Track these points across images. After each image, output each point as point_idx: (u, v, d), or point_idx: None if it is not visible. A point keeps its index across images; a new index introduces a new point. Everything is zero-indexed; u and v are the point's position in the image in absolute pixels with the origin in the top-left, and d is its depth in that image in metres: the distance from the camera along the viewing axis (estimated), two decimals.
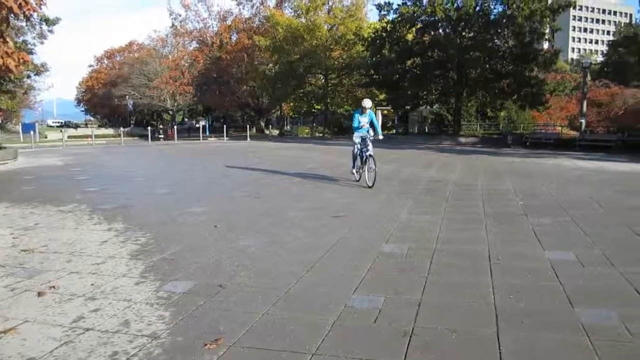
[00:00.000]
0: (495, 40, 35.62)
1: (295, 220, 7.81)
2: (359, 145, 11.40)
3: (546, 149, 27.27)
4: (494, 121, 43.59)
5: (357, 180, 11.83)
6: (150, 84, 57.79)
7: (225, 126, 46.01)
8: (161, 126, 56.84)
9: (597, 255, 5.71)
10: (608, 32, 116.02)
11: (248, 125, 47.26)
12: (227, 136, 43.20)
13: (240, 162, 18.88)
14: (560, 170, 15.66)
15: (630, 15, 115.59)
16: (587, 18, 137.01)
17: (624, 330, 3.76)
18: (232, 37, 57.08)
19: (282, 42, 44.98)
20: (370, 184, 10.97)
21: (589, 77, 46.10)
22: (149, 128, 41.58)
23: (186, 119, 78.83)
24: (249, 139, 40.91)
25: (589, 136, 28.47)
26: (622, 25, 74.13)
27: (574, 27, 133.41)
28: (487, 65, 35.14)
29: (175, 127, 47.83)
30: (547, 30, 35.74)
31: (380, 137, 11.67)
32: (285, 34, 44.61)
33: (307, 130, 54.45)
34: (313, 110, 55.42)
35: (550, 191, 10.83)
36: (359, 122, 11.28)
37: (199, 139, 41.05)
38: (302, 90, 49.19)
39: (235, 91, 55.12)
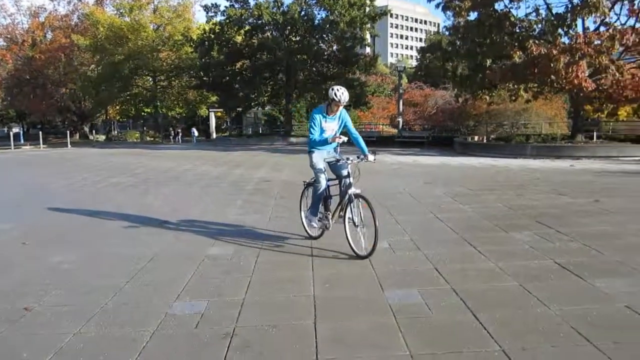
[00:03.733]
0: (321, 44, 37.29)
1: (118, 232, 7.37)
2: (324, 178, 5.99)
3: (370, 146, 28.13)
4: None
5: (316, 238, 6.44)
6: None
7: (41, 133, 41.83)
8: None
9: (406, 241, 6.25)
10: (420, 39, 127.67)
11: (69, 131, 43.56)
12: (44, 143, 39.37)
13: (52, 172, 17.34)
14: (381, 166, 16.86)
15: (438, 24, 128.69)
16: (402, 26, 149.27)
17: (424, 307, 4.14)
18: (47, 35, 52.21)
19: (105, 41, 42.31)
20: (366, 251, 5.50)
21: (405, 80, 50.25)
22: None
23: None
24: (69, 145, 37.75)
25: (406, 133, 31.11)
26: (432, 33, 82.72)
27: (392, 34, 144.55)
28: (314, 68, 36.69)
29: None
30: (367, 36, 38.35)
31: (371, 158, 5.93)
32: (108, 33, 42.03)
33: (137, 135, 51.88)
34: (143, 113, 52.96)
35: (371, 185, 11.59)
36: (322, 130, 5.88)
37: (10, 148, 36.88)
38: (128, 93, 46.78)
39: (53, 94, 50.39)
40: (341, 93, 5.72)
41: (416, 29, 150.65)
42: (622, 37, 19.01)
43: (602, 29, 20.80)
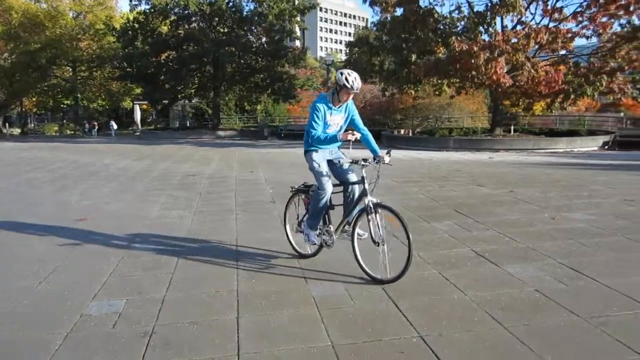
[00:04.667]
0: (249, 37, 36.89)
1: (31, 232, 6.98)
2: (329, 184, 4.87)
3: (299, 139, 28.98)
4: (253, 114, 45.19)
5: (310, 256, 5.32)
6: None
7: None
8: None
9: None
10: (350, 34, 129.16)
11: None
12: None
13: None
14: (302, 159, 16.94)
15: (367, 19, 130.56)
16: (332, 20, 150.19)
17: (347, 298, 4.19)
18: None
19: (19, 28, 39.93)
20: (393, 274, 4.44)
21: (333, 73, 50.60)
22: None
23: None
24: None
25: None
26: (360, 28, 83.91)
27: (322, 27, 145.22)
28: (242, 60, 36.24)
29: None
30: (296, 29, 38.31)
31: (387, 159, 4.66)
32: (22, 20, 39.70)
33: (55, 128, 49.38)
34: (62, 105, 50.44)
35: (298, 178, 11.62)
36: (326, 125, 4.83)
37: None
38: (46, 84, 44.36)
39: None
40: (353, 78, 4.61)
41: (345, 24, 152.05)
42: (537, 35, 20.04)
43: (519, 27, 21.86)
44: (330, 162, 4.98)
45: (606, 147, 21.43)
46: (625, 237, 5.98)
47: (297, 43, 47.73)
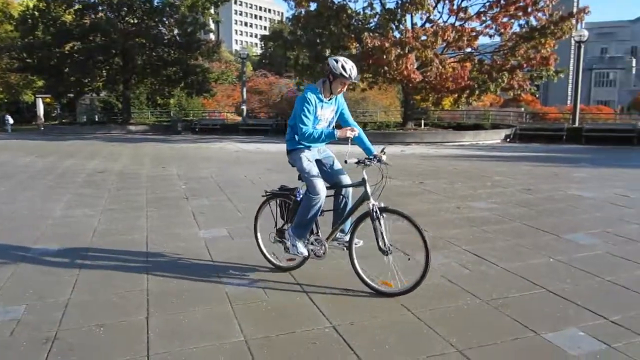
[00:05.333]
0: (160, 28, 35.64)
1: None
2: (323, 187, 4.30)
3: (214, 134, 28.77)
4: (166, 109, 43.87)
5: (289, 269, 4.68)
6: None
7: None
8: None
9: (244, 228, 6.26)
10: (265, 28, 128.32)
11: None
12: None
13: None
14: (224, 153, 16.77)
15: (282, 13, 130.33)
16: (247, 13, 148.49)
17: (261, 292, 4.19)
18: None
19: None
20: (407, 284, 4.02)
21: (250, 68, 50.19)
22: None
23: None
24: None
25: (251, 121, 31.14)
26: (276, 22, 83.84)
27: (236, 20, 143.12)
28: (154, 53, 35.01)
29: None
30: (210, 22, 37.51)
31: (384, 158, 4.18)
32: None
33: None
34: None
35: (212, 173, 11.47)
36: (316, 120, 4.27)
37: None
38: None
39: None
40: (351, 66, 4.08)
41: (261, 17, 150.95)
42: (444, 33, 20.87)
43: (427, 25, 22.63)
44: (318, 163, 4.40)
45: (508, 139, 22.74)
46: (523, 224, 6.40)
47: (212, 36, 46.84)
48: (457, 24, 22.30)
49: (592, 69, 79.87)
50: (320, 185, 4.24)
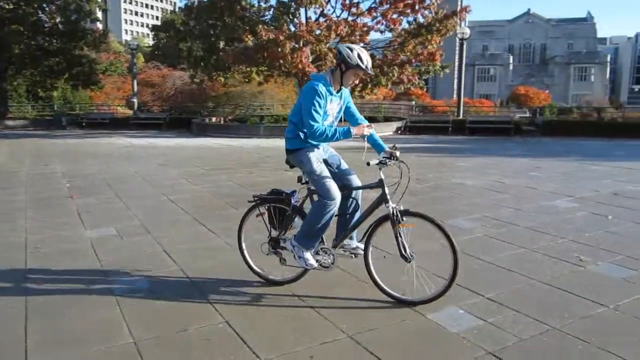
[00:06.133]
0: (40, 15, 33.15)
1: None
2: (336, 189, 3.83)
3: (103, 128, 27.28)
4: (49, 102, 40.94)
5: (286, 282, 4.15)
6: None
7: None
8: None
9: (136, 225, 6.04)
10: (157, 18, 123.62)
11: None
12: None
13: None
14: (113, 149, 16.01)
15: (175, 3, 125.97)
16: (137, 2, 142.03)
17: (152, 292, 4.06)
18: None
19: None
20: (429, 292, 3.73)
21: (142, 59, 48.21)
22: None
23: None
24: None
25: (143, 115, 29.92)
26: (168, 12, 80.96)
27: (126, 9, 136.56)
28: (33, 42, 32.50)
29: None
30: (96, 10, 35.45)
31: (398, 154, 4.00)
32: None
33: None
34: None
35: (100, 170, 10.92)
36: (325, 115, 3.80)
37: None
38: None
39: None
40: (367, 56, 3.70)
41: (152, 7, 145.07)
42: (337, 28, 21.26)
43: (321, 19, 22.95)
44: (324, 163, 3.98)
45: (399, 131, 23.65)
46: None
47: (99, 25, 44.34)
48: (350, 19, 22.79)
49: (475, 65, 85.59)
50: (335, 188, 3.78)
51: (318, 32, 21.66)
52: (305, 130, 3.77)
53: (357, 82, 3.94)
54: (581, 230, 5.77)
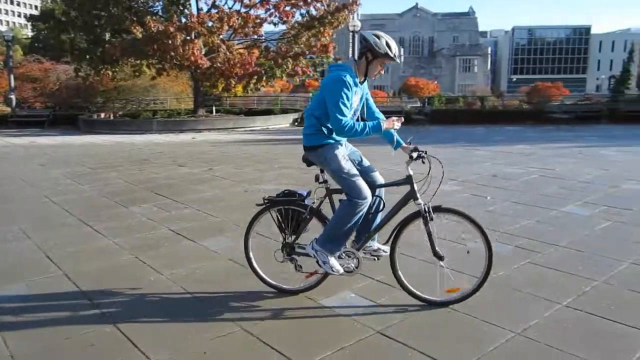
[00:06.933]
0: None
1: None
2: (366, 188, 3.50)
3: None
4: None
5: (301, 291, 3.82)
6: None
7: None
8: None
9: (15, 231, 5.63)
10: (37, 7, 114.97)
11: None
12: None
13: None
14: None
15: None
16: None
17: (30, 301, 3.82)
18: None
19: None
20: (462, 292, 3.61)
21: (20, 52, 44.69)
22: None
23: None
24: None
25: (24, 112, 27.81)
26: (48, 1, 75.35)
27: None
28: None
29: None
30: None
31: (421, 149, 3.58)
32: None
33: None
34: None
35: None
36: (351, 107, 3.46)
37: None
38: None
39: None
40: (395, 45, 3.49)
41: None
42: (230, 19, 21.00)
43: (213, 11, 22.52)
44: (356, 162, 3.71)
45: (296, 123, 23.84)
46: None
47: None
48: (243, 10, 22.58)
49: None
50: (366, 187, 3.48)
51: (210, 23, 21.27)
52: (329, 125, 3.47)
53: (382, 72, 3.63)
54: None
